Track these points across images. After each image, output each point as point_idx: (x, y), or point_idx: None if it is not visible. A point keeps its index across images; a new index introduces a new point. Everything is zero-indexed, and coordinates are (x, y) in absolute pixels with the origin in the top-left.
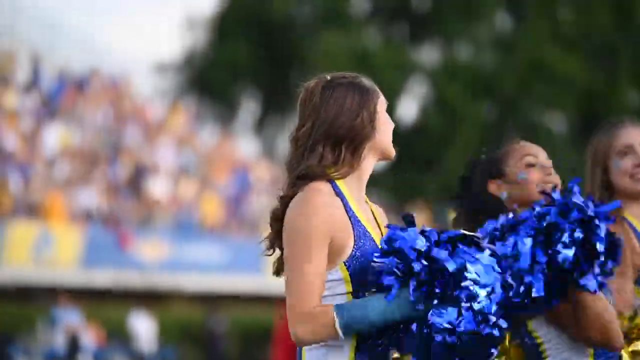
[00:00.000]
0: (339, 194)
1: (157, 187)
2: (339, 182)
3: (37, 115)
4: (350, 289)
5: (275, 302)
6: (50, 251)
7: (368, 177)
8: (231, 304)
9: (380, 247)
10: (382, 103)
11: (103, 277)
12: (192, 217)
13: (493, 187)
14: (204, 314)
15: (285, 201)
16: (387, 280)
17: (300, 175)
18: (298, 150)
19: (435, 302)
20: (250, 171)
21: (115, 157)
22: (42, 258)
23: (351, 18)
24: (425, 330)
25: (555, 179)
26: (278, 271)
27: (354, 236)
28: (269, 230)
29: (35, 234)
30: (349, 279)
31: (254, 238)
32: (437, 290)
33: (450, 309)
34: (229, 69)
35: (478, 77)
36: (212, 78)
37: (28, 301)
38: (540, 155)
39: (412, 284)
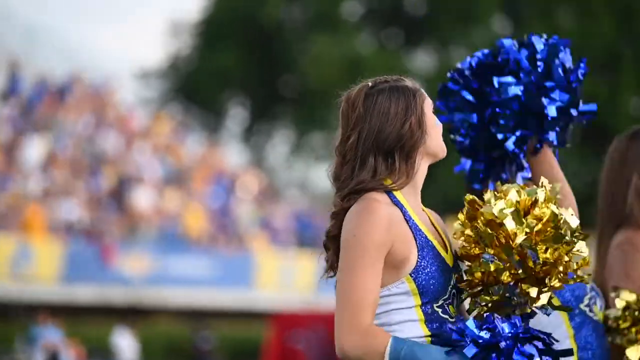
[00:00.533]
0: (396, 203)
1: (141, 199)
2: (395, 192)
3: (15, 124)
4: (419, 302)
5: (265, 317)
6: (30, 266)
7: (422, 182)
8: (219, 320)
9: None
10: (428, 105)
11: (85, 293)
12: (178, 230)
13: None
14: (190, 330)
15: (339, 217)
16: (469, 349)
17: (354, 190)
18: (347, 164)
19: None
20: (238, 181)
21: (97, 167)
22: (20, 273)
23: (343, 23)
24: None
25: None
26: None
27: (417, 246)
28: (327, 251)
29: (14, 248)
30: (416, 291)
31: (242, 251)
32: None
33: None
34: (215, 76)
35: None
36: (198, 85)
37: (6, 318)
38: None
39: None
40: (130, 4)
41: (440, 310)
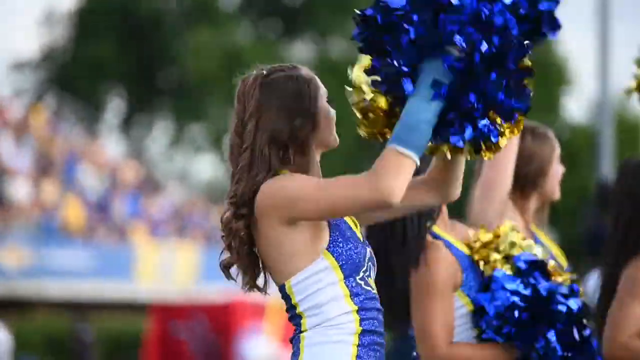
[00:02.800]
0: None
1: (18, 191)
2: None
3: None
4: (342, 276)
5: (145, 309)
6: None
7: (319, 170)
8: (99, 312)
9: None
10: (321, 94)
11: None
12: (55, 221)
13: None
14: (70, 322)
15: (247, 219)
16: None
17: (253, 191)
18: (245, 152)
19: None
20: (117, 173)
21: None
22: None
23: (221, 13)
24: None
25: None
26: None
27: (329, 223)
28: (230, 238)
29: None
30: (336, 264)
31: (122, 242)
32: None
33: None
34: (92, 67)
35: None
36: (74, 76)
37: None
38: None
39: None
40: None
41: (362, 283)
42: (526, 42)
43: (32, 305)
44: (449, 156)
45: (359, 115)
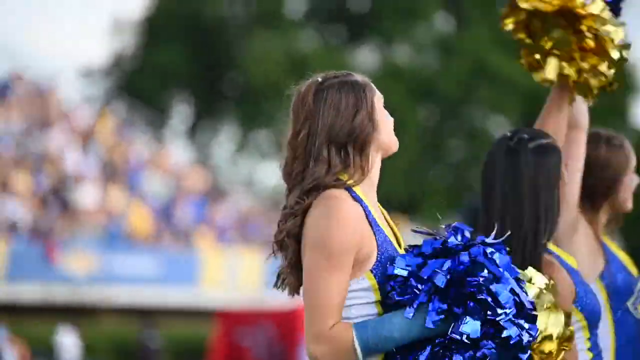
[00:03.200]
0: (357, 199)
1: (84, 197)
2: (355, 188)
3: None
4: (379, 297)
5: (210, 315)
6: None
7: (378, 177)
8: (165, 318)
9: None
10: (378, 98)
11: (29, 292)
12: (122, 228)
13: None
14: (136, 328)
15: (299, 215)
16: (408, 294)
17: (311, 187)
18: (298, 160)
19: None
20: (183, 179)
21: (40, 165)
22: None
23: (286, 19)
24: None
25: None
26: (283, 280)
27: (377, 242)
28: (283, 251)
29: None
30: (377, 286)
31: (187, 248)
32: (457, 311)
33: (471, 320)
34: (159, 74)
35: (419, 80)
36: (142, 83)
37: None
38: None
39: (434, 302)
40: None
41: None
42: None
43: (98, 312)
44: None
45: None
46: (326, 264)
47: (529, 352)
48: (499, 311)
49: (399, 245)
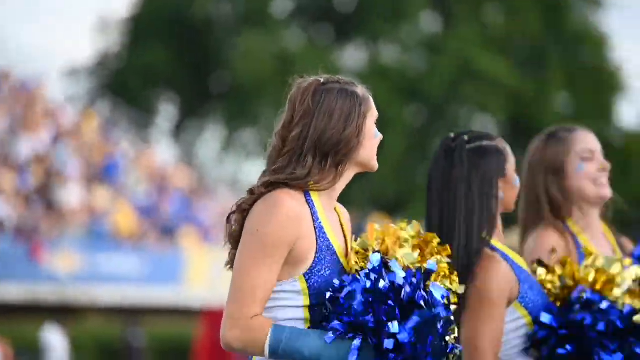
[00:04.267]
0: (309, 202)
1: (69, 196)
2: (311, 192)
3: None
4: (308, 302)
5: (195, 314)
6: None
7: (343, 188)
8: (150, 317)
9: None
10: (371, 115)
11: (14, 291)
12: (107, 227)
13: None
14: (121, 327)
15: (255, 198)
16: (333, 324)
17: (282, 181)
18: (285, 152)
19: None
20: (168, 178)
21: (24, 164)
22: None
23: (272, 19)
24: None
25: None
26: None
27: (317, 248)
28: (232, 224)
29: None
30: (307, 291)
31: (172, 247)
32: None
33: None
34: (144, 73)
35: (405, 80)
36: (127, 82)
37: None
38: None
39: (357, 340)
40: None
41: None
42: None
43: (83, 311)
44: None
45: None
46: (259, 252)
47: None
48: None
49: (347, 254)
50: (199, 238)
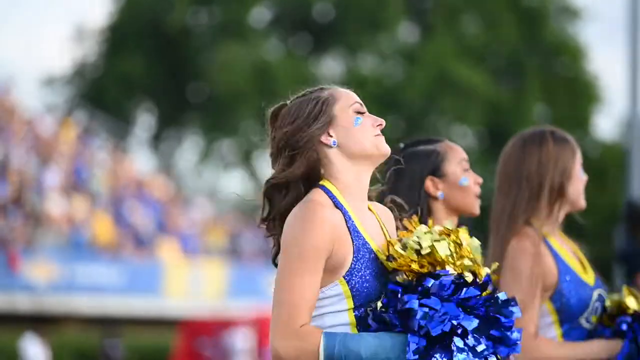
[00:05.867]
0: (337, 205)
1: (47, 206)
2: (336, 193)
3: None
4: (352, 305)
5: (173, 325)
6: None
7: (368, 183)
8: (128, 327)
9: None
10: (345, 108)
11: None
12: (84, 237)
13: (429, 184)
14: (99, 337)
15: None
16: (389, 316)
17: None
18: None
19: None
20: (146, 188)
21: (1, 173)
22: None
23: (251, 29)
24: None
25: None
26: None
27: (353, 248)
28: (274, 232)
29: None
30: (349, 293)
31: (150, 258)
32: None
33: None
34: (122, 82)
35: (383, 90)
36: (105, 92)
37: None
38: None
39: (413, 338)
40: (35, 9)
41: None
42: None
43: (61, 321)
44: None
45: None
46: (299, 264)
47: None
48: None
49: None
50: (177, 248)
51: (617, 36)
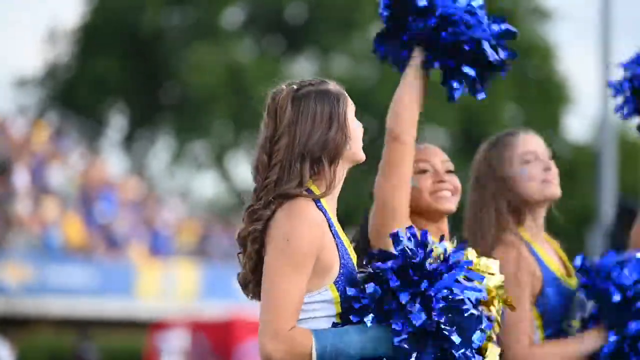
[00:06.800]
0: (321, 208)
1: (18, 208)
2: (321, 200)
3: None
4: (340, 310)
5: (146, 327)
6: None
7: (340, 188)
8: (101, 329)
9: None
10: (351, 108)
11: None
12: (56, 239)
13: None
14: (71, 340)
15: (264, 220)
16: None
17: (279, 194)
18: (275, 167)
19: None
20: (119, 189)
21: None
22: None
23: (223, 30)
24: None
25: (453, 181)
26: (247, 286)
27: (339, 254)
28: (247, 252)
29: None
30: (338, 299)
31: (123, 260)
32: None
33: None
34: (94, 84)
35: (356, 91)
36: (77, 93)
37: None
38: (433, 159)
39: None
40: (7, 9)
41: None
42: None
43: (33, 323)
44: None
45: None
46: (288, 263)
47: None
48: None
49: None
50: (149, 250)
51: (588, 36)
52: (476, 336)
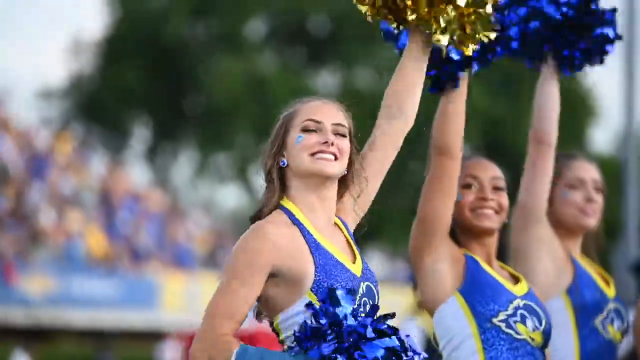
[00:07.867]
0: (295, 222)
1: (42, 219)
2: (295, 211)
3: None
4: None
5: (167, 338)
6: None
7: (334, 200)
8: (122, 341)
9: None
10: (296, 126)
11: None
12: (79, 250)
13: None
14: (93, 351)
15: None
16: (298, 333)
17: (258, 212)
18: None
19: None
20: (142, 201)
21: None
22: None
23: (247, 42)
24: None
25: (499, 199)
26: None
27: (315, 262)
28: None
29: None
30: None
31: (146, 271)
32: None
33: None
34: (119, 95)
35: (379, 104)
36: (101, 104)
37: None
38: (481, 174)
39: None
40: (31, 21)
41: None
42: None
43: (55, 334)
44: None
45: None
46: (233, 276)
47: None
48: None
49: (354, 259)
50: (173, 262)
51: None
52: None
